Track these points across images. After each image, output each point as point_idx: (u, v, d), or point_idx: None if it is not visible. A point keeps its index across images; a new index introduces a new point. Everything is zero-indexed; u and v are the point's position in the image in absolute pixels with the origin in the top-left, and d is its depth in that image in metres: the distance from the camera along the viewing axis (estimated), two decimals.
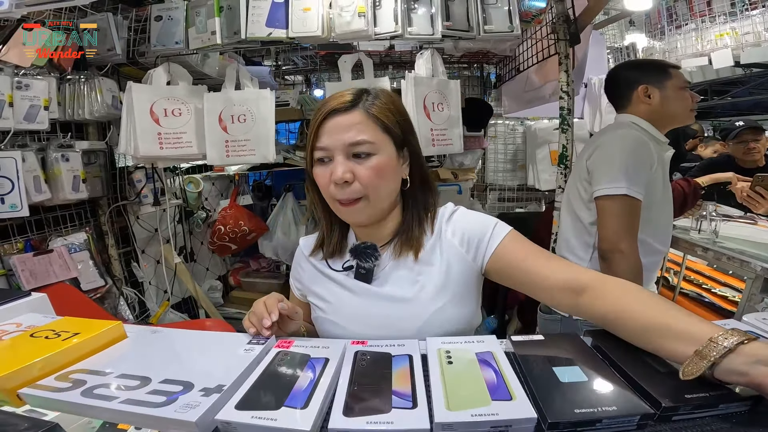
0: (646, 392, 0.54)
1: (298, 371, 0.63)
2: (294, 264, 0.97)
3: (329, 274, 0.88)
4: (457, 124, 1.67)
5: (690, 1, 2.48)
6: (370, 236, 0.85)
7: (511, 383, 0.57)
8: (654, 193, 1.26)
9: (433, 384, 0.58)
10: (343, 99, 0.78)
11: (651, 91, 1.32)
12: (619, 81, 1.41)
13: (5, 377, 0.57)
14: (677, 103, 1.31)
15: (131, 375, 0.60)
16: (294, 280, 0.96)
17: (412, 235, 0.83)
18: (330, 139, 0.77)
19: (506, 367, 0.62)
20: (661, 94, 1.31)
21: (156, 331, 0.76)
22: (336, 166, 0.76)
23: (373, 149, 0.77)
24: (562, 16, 1.64)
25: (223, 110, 1.64)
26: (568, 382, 0.57)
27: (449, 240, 0.82)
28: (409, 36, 1.55)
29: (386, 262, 0.84)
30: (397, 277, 0.83)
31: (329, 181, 0.77)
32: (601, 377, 0.58)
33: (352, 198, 0.77)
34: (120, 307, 1.89)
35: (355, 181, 0.76)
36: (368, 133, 0.76)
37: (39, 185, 1.56)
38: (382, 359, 0.66)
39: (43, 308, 0.88)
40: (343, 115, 0.77)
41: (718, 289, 2.03)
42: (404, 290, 0.81)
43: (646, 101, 1.32)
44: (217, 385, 0.57)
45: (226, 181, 2.80)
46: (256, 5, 1.49)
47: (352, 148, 0.76)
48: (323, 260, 0.89)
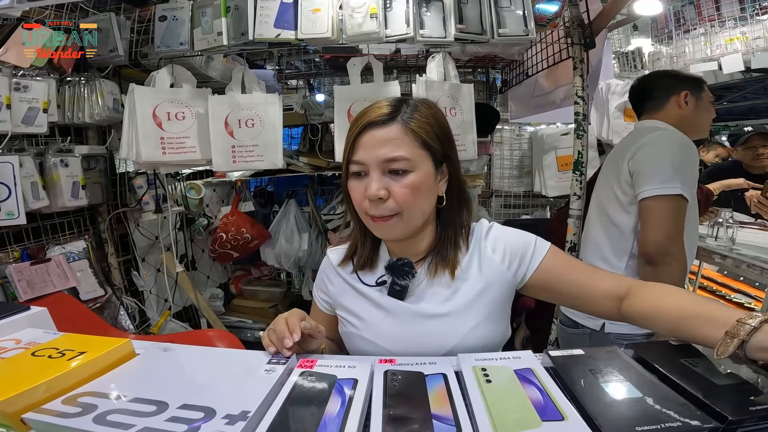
0: (706, 405, 0.51)
1: (326, 394, 0.58)
2: (320, 275, 0.93)
3: (360, 289, 0.85)
4: (471, 129, 1.62)
5: (698, 5, 2.47)
6: (404, 251, 0.83)
7: (559, 402, 0.54)
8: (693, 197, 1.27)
9: (474, 405, 0.54)
10: (381, 111, 0.75)
11: (689, 98, 1.36)
12: (657, 85, 1.42)
13: (8, 401, 0.53)
14: (706, 116, 1.39)
15: (146, 399, 0.55)
16: (320, 291, 0.92)
17: (448, 254, 0.81)
18: (366, 153, 0.74)
19: (550, 384, 0.58)
20: (697, 103, 1.36)
21: (167, 348, 0.71)
22: (371, 183, 0.74)
23: (409, 166, 0.74)
24: (577, 20, 1.61)
25: (230, 114, 1.60)
26: (621, 399, 0.54)
27: (490, 257, 0.81)
28: (421, 38, 1.51)
29: (421, 279, 0.82)
30: (432, 294, 0.81)
31: (363, 196, 0.75)
32: (656, 391, 0.55)
33: (386, 215, 0.75)
34: (120, 317, 1.83)
35: (390, 199, 0.74)
36: (405, 149, 0.73)
37: (37, 191, 1.51)
38: (415, 379, 0.62)
39: (44, 323, 0.83)
40: (380, 129, 0.74)
41: (733, 295, 2.01)
42: (439, 307, 0.79)
43: (683, 107, 1.35)
44: (241, 411, 0.52)
45: (227, 188, 2.75)
46: (264, 5, 1.45)
47: (387, 165, 0.73)
48: (353, 273, 0.86)
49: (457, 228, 0.83)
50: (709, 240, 1.74)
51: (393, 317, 0.80)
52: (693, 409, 0.51)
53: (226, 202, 2.68)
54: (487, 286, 0.80)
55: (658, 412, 0.50)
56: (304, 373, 0.64)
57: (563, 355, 0.66)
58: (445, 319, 0.78)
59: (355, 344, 0.84)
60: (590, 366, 0.62)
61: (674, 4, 2.59)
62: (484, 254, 0.81)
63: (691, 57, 2.53)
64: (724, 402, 0.51)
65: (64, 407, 0.53)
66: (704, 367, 0.60)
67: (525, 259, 0.80)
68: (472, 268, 0.81)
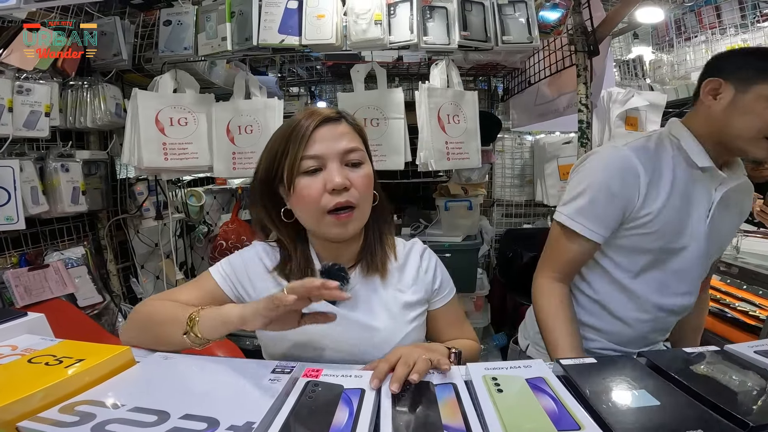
0: (725, 412, 0.50)
1: (333, 405, 0.56)
2: (245, 264, 0.85)
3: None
4: (475, 137, 1.62)
5: (699, 13, 2.47)
6: (336, 257, 0.83)
7: (574, 411, 0.52)
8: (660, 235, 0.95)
9: (487, 415, 0.52)
10: (330, 111, 0.79)
11: (725, 89, 0.89)
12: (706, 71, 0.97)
13: (2, 409, 0.51)
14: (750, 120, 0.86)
15: (146, 408, 0.53)
16: (234, 276, 0.83)
17: (376, 256, 0.85)
18: (323, 146, 0.75)
19: (563, 393, 0.57)
20: (735, 98, 0.88)
21: (168, 357, 0.69)
22: (332, 174, 0.74)
23: (362, 158, 0.79)
24: (580, 28, 1.61)
25: (231, 120, 1.59)
26: (639, 407, 0.52)
27: (422, 275, 0.89)
28: (425, 45, 1.51)
29: (353, 284, 0.83)
30: (366, 301, 0.83)
31: (322, 191, 0.74)
32: (674, 399, 0.54)
33: (349, 205, 0.75)
34: (118, 324, 1.81)
35: (352, 188, 0.76)
36: (357, 142, 0.79)
37: (36, 197, 1.49)
38: (423, 389, 0.61)
39: (41, 329, 0.81)
40: (334, 124, 0.78)
41: (737, 304, 2.00)
42: (374, 317, 0.82)
43: (711, 103, 0.92)
44: (245, 422, 0.50)
45: (228, 195, 2.74)
46: (269, 11, 1.45)
47: (346, 156, 0.76)
48: (283, 279, 0.82)
49: (382, 226, 0.87)
50: None
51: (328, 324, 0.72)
52: (713, 416, 0.50)
53: (226, 210, 2.67)
54: (420, 299, 0.87)
55: (677, 420, 0.49)
56: (309, 383, 0.62)
57: (575, 363, 0.65)
58: (380, 330, 0.81)
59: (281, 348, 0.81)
60: (603, 374, 0.61)
61: (675, 12, 2.59)
62: (419, 270, 0.88)
63: (692, 65, 2.53)
64: (744, 408, 0.50)
65: (61, 416, 0.51)
66: (719, 373, 0.60)
67: (443, 291, 0.91)
68: (404, 280, 0.87)
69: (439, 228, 2.14)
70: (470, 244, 2.07)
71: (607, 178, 0.92)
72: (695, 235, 0.95)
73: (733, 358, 0.65)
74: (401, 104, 1.63)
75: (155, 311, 0.76)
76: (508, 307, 2.54)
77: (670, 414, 0.51)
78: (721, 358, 0.65)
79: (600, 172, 0.93)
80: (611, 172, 0.92)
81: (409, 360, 0.61)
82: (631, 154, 0.92)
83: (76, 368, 0.60)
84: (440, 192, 2.18)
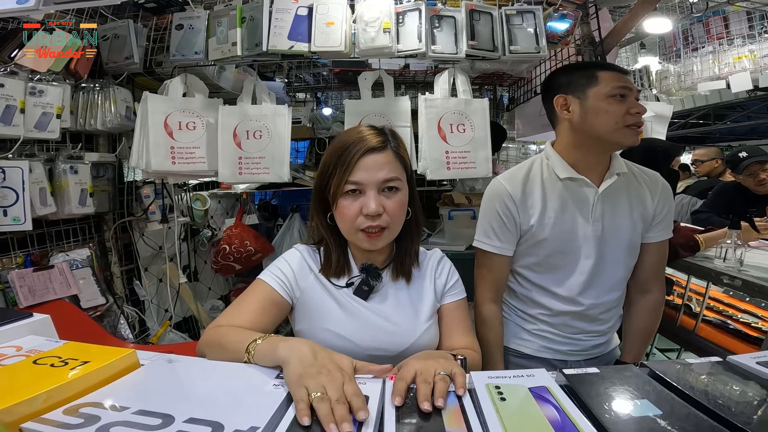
0: (727, 422, 0.50)
1: None
2: (292, 266, 0.93)
3: (331, 290, 0.92)
4: (484, 146, 1.61)
5: (707, 23, 2.48)
6: (369, 259, 0.93)
7: (577, 420, 0.52)
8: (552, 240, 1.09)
9: (490, 423, 0.52)
10: (377, 138, 0.87)
11: (571, 102, 1.06)
12: (543, 96, 1.17)
13: (6, 410, 0.50)
14: (605, 116, 1.01)
15: (151, 411, 0.53)
16: (286, 279, 0.92)
17: (404, 264, 0.95)
18: (366, 174, 0.84)
19: (566, 403, 0.56)
20: (583, 104, 1.04)
21: (172, 360, 0.69)
22: (369, 201, 0.84)
23: (399, 185, 0.87)
24: (588, 38, 1.62)
25: (239, 125, 1.60)
26: (642, 416, 0.52)
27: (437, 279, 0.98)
28: (433, 54, 1.52)
29: (383, 283, 0.94)
30: (392, 300, 0.93)
31: (358, 213, 0.85)
32: (676, 409, 0.53)
33: (380, 227, 0.85)
34: (120, 326, 1.81)
35: (384, 214, 0.85)
36: (397, 172, 0.87)
37: (45, 198, 1.50)
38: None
39: (46, 331, 0.81)
40: (378, 154, 0.86)
41: (740, 315, 1.99)
42: (397, 313, 0.91)
43: (566, 116, 1.08)
44: (249, 426, 0.50)
45: (232, 200, 2.75)
46: (279, 17, 1.46)
47: (384, 184, 0.85)
48: (326, 279, 0.93)
49: (414, 238, 0.96)
50: (717, 261, 1.72)
51: (357, 316, 0.90)
52: (716, 426, 0.50)
53: (230, 215, 2.68)
54: (433, 302, 0.95)
55: (680, 430, 0.49)
56: None
57: (578, 373, 0.65)
58: (403, 325, 0.90)
59: (318, 337, 0.88)
60: (606, 384, 0.61)
61: (683, 23, 2.60)
62: (434, 274, 0.98)
63: (699, 75, 2.53)
64: (746, 418, 0.50)
65: (66, 418, 0.51)
66: (721, 383, 0.60)
67: (453, 290, 0.98)
68: (425, 284, 0.96)
69: (443, 237, 2.14)
70: (473, 254, 2.06)
71: (492, 204, 1.13)
72: (585, 237, 1.09)
73: (735, 368, 0.65)
74: (408, 112, 1.64)
75: (224, 338, 0.79)
76: None
77: (673, 424, 0.50)
78: (723, 369, 0.65)
79: (487, 201, 1.15)
80: (492, 199, 1.13)
81: (428, 377, 0.61)
82: (503, 182, 1.13)
83: (81, 370, 0.60)
84: (444, 201, 2.18)
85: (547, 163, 1.12)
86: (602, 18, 1.61)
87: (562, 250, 1.10)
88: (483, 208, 1.16)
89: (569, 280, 1.12)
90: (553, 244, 1.09)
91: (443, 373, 0.63)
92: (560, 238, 1.09)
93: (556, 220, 1.08)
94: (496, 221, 1.12)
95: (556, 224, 1.09)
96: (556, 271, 1.12)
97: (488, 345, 1.15)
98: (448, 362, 0.67)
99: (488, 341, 1.15)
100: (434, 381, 0.61)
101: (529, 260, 1.14)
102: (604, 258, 1.10)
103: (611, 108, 1.01)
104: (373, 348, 0.87)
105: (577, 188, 1.09)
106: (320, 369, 0.60)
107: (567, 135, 1.09)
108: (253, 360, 0.69)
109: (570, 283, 1.12)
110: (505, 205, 1.10)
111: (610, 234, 1.10)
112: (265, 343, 0.70)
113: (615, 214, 1.10)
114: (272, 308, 0.88)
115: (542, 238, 1.09)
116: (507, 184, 1.12)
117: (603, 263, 1.11)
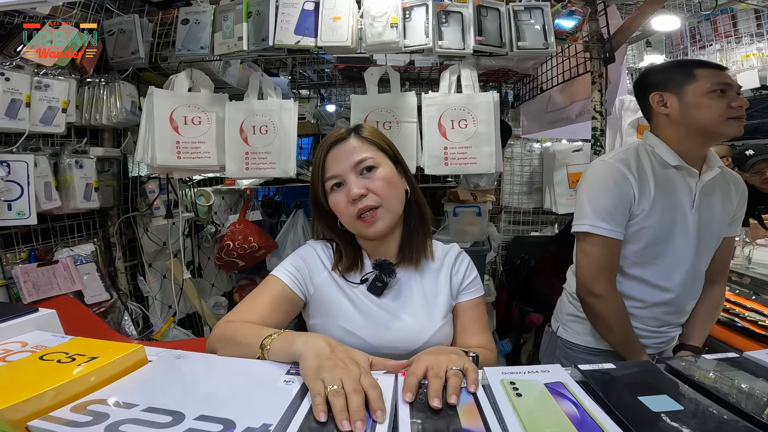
0: (749, 416, 0.50)
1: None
2: (306, 262, 0.94)
3: (344, 287, 0.93)
4: (488, 141, 1.58)
5: (714, 21, 2.46)
6: (380, 253, 0.94)
7: (596, 416, 0.51)
8: (656, 228, 1.11)
9: (507, 419, 0.51)
10: (338, 132, 0.91)
11: (668, 98, 1.10)
12: (636, 93, 1.22)
13: (13, 408, 0.49)
14: (705, 111, 1.05)
15: (160, 409, 0.52)
16: (299, 275, 0.92)
17: (413, 250, 0.94)
18: (337, 165, 0.88)
19: (584, 398, 0.56)
20: (681, 100, 1.08)
21: (181, 356, 0.68)
22: (350, 186, 0.86)
23: (375, 162, 0.88)
24: (596, 35, 1.60)
25: (245, 120, 1.59)
26: (662, 412, 0.52)
27: (453, 276, 0.97)
28: (440, 50, 1.51)
29: (399, 277, 0.94)
30: (407, 296, 0.93)
31: (347, 201, 0.86)
32: (697, 404, 0.53)
33: (370, 207, 0.86)
34: (124, 322, 1.80)
35: (369, 193, 0.86)
36: (369, 152, 0.88)
37: (50, 192, 1.49)
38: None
39: (52, 326, 0.80)
40: (343, 143, 0.89)
41: (747, 314, 1.98)
42: (413, 308, 0.91)
43: (663, 112, 1.12)
44: (262, 424, 0.49)
45: (236, 196, 2.74)
46: (286, 12, 1.45)
47: (358, 166, 0.87)
48: (340, 276, 0.94)
49: (419, 221, 0.96)
50: None
51: (369, 314, 0.90)
52: (738, 421, 0.49)
53: (234, 211, 2.66)
54: (448, 298, 0.94)
55: (703, 425, 0.49)
56: None
57: (593, 369, 0.64)
58: (419, 318, 0.90)
59: (330, 333, 0.87)
60: (624, 379, 0.61)
61: (690, 21, 2.58)
62: (452, 270, 0.97)
63: None
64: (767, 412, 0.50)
65: (73, 415, 0.50)
66: (741, 378, 0.60)
67: (471, 288, 0.97)
68: (441, 279, 0.95)
69: (447, 234, 2.13)
70: (478, 251, 2.05)
71: (607, 186, 1.10)
72: (686, 226, 1.11)
73: (752, 364, 0.65)
74: (414, 108, 1.63)
75: (237, 333, 0.79)
76: (513, 314, 2.52)
77: (695, 419, 0.50)
78: (740, 365, 0.65)
79: (600, 184, 1.12)
80: (607, 180, 1.11)
81: (439, 372, 0.60)
82: (618, 164, 1.11)
83: (89, 366, 0.59)
84: (449, 198, 2.16)
85: (653, 151, 1.14)
86: (611, 15, 1.59)
87: (664, 238, 1.12)
88: (593, 191, 1.12)
89: (670, 269, 1.14)
90: (657, 232, 1.11)
91: (455, 369, 0.62)
92: (664, 226, 1.11)
93: (665, 206, 1.10)
94: (612, 204, 1.10)
95: (664, 211, 1.10)
96: (656, 258, 1.13)
97: (627, 335, 1.14)
98: (460, 357, 0.66)
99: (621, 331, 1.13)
100: (446, 376, 0.60)
101: (631, 248, 1.13)
102: (700, 247, 1.14)
103: (713, 102, 1.04)
104: (386, 347, 0.87)
105: (681, 178, 1.12)
106: (337, 362, 0.59)
107: (668, 128, 1.12)
108: (268, 356, 0.69)
109: (670, 272, 1.14)
110: (621, 187, 1.10)
111: (706, 225, 1.13)
112: (281, 339, 0.70)
113: (711, 206, 1.14)
114: (285, 304, 0.89)
115: (648, 224, 1.10)
116: (624, 167, 1.10)
117: (700, 252, 1.15)
